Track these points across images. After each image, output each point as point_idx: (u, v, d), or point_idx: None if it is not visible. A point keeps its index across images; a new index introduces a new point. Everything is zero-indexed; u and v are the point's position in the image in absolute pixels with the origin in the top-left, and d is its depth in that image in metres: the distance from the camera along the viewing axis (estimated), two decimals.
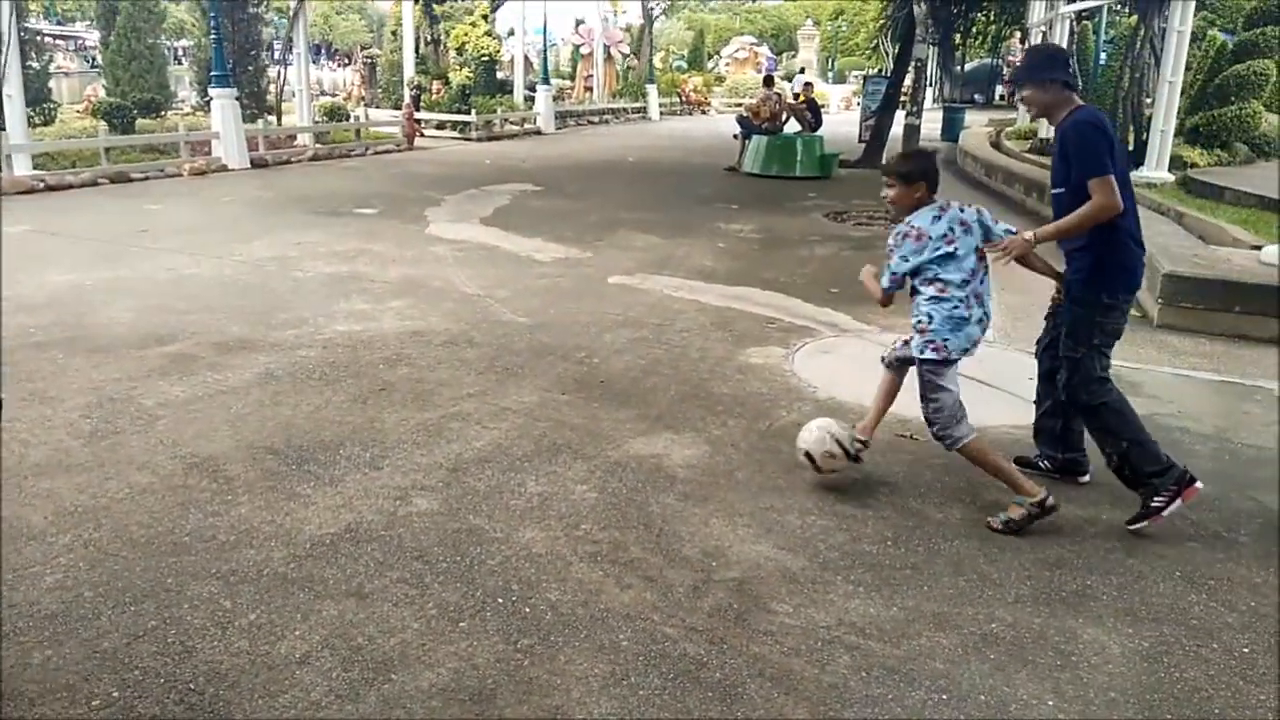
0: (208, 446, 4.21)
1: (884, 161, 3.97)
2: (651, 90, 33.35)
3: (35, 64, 15.76)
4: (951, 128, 23.72)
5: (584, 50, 34.10)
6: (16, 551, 3.27)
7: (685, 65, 45.20)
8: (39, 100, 15.29)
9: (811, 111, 17.28)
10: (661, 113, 33.61)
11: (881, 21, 21.66)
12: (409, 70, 23.51)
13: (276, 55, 20.63)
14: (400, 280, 7.58)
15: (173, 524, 3.52)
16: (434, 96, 23.45)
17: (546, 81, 25.86)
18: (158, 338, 5.76)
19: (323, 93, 27.79)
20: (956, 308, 3.78)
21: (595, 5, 33.20)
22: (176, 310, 6.40)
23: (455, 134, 21.95)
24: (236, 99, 14.96)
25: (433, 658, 2.79)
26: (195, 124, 16.12)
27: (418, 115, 20.78)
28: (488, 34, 25.23)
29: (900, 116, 14.10)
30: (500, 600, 3.09)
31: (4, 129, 11.93)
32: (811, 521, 3.70)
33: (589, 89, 33.30)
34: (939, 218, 3.79)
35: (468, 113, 22.04)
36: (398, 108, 21.75)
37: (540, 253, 8.95)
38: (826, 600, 3.15)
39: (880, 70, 25.46)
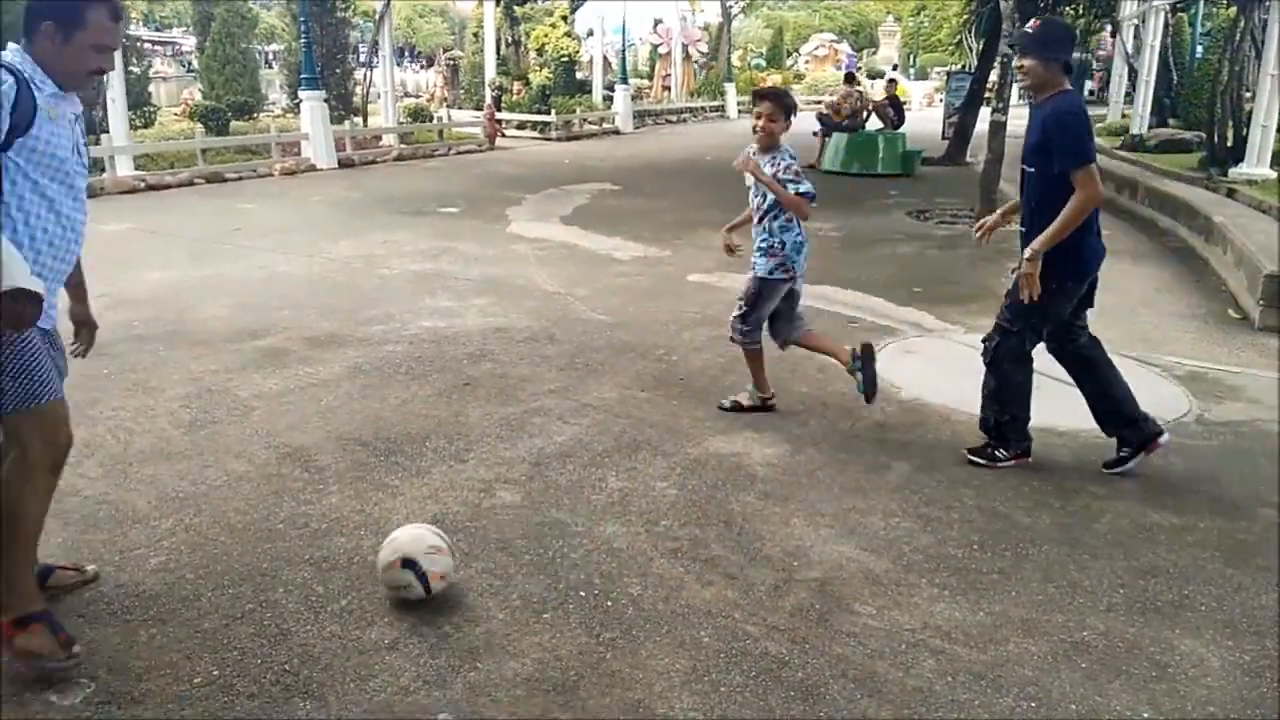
0: (300, 437, 4.34)
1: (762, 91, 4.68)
2: (729, 89, 33.23)
3: (136, 69, 16.40)
4: None
5: (662, 50, 34.15)
6: (123, 534, 3.42)
7: (764, 63, 44.93)
8: (139, 104, 15.90)
9: (894, 108, 17.03)
10: (739, 111, 33.44)
11: (965, 17, 21.25)
12: (490, 71, 23.83)
13: (362, 58, 21.10)
14: (482, 278, 7.71)
15: (268, 511, 3.64)
16: (514, 97, 23.73)
17: (625, 81, 25.97)
18: (252, 332, 5.96)
19: (406, 94, 28.33)
20: (799, 235, 4.50)
21: (674, 5, 33.20)
22: (269, 306, 6.61)
23: (535, 134, 22.19)
24: (325, 101, 15.36)
25: (517, 647, 2.83)
26: (285, 125, 16.62)
27: (499, 116, 21.05)
28: (567, 35, 25.45)
29: (985, 113, 13.80)
30: (583, 593, 3.13)
31: (108, 131, 12.45)
32: (895, 524, 3.66)
33: (667, 88, 33.33)
34: (795, 156, 4.49)
35: (547, 113, 22.25)
36: (479, 108, 22.07)
37: (619, 251, 9.00)
38: (911, 603, 3.11)
39: (964, 66, 24.95)
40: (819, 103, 27.45)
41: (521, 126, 22.62)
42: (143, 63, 18.39)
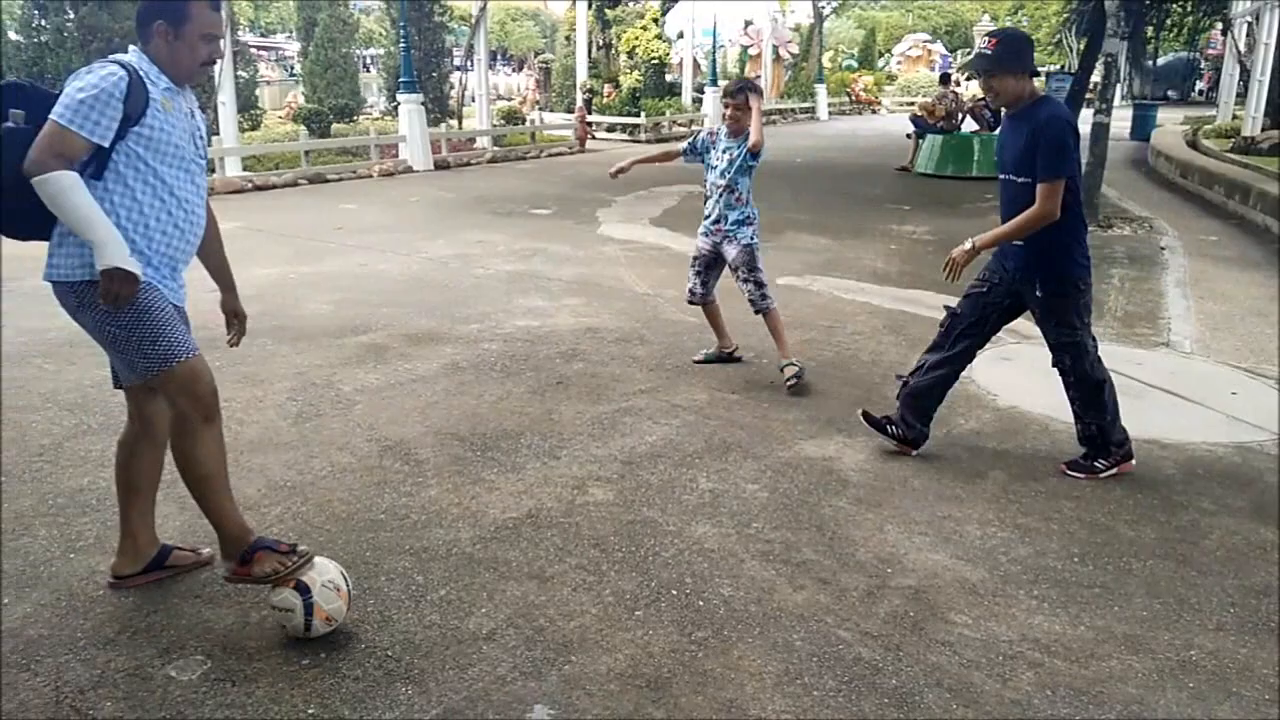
0: (400, 431, 4.46)
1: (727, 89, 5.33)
2: (820, 90, 32.92)
3: (244, 74, 17.04)
4: (1142, 126, 22.37)
5: (752, 51, 34.00)
6: None
7: (855, 64, 44.36)
8: (246, 107, 16.54)
9: (990, 110, 16.63)
10: (830, 112, 33.15)
11: (1065, 15, 20.60)
12: (581, 74, 24.07)
13: (457, 62, 21.53)
14: (574, 279, 7.80)
15: (370, 502, 3.76)
16: (605, 100, 23.93)
17: (714, 83, 25.91)
18: (353, 328, 6.15)
19: (499, 97, 28.80)
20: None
21: (765, 5, 33.02)
22: (370, 303, 6.80)
23: (625, 136, 22.35)
24: (422, 104, 15.71)
25: (610, 643, 2.87)
26: (384, 128, 17.06)
27: (589, 118, 21.25)
28: (658, 37, 25.55)
29: (1086, 115, 13.40)
30: (674, 592, 3.16)
31: (218, 133, 12.97)
32: (992, 533, 3.59)
33: None
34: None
35: (637, 115, 22.39)
36: (570, 111, 22.33)
37: None
38: (1008, 614, 3.06)
39: (1063, 67, 24.26)
40: (911, 104, 27.01)
41: (611, 129, 22.80)
42: (249, 68, 19.09)
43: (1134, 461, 4.13)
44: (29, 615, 2.95)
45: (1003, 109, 4.03)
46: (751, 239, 5.24)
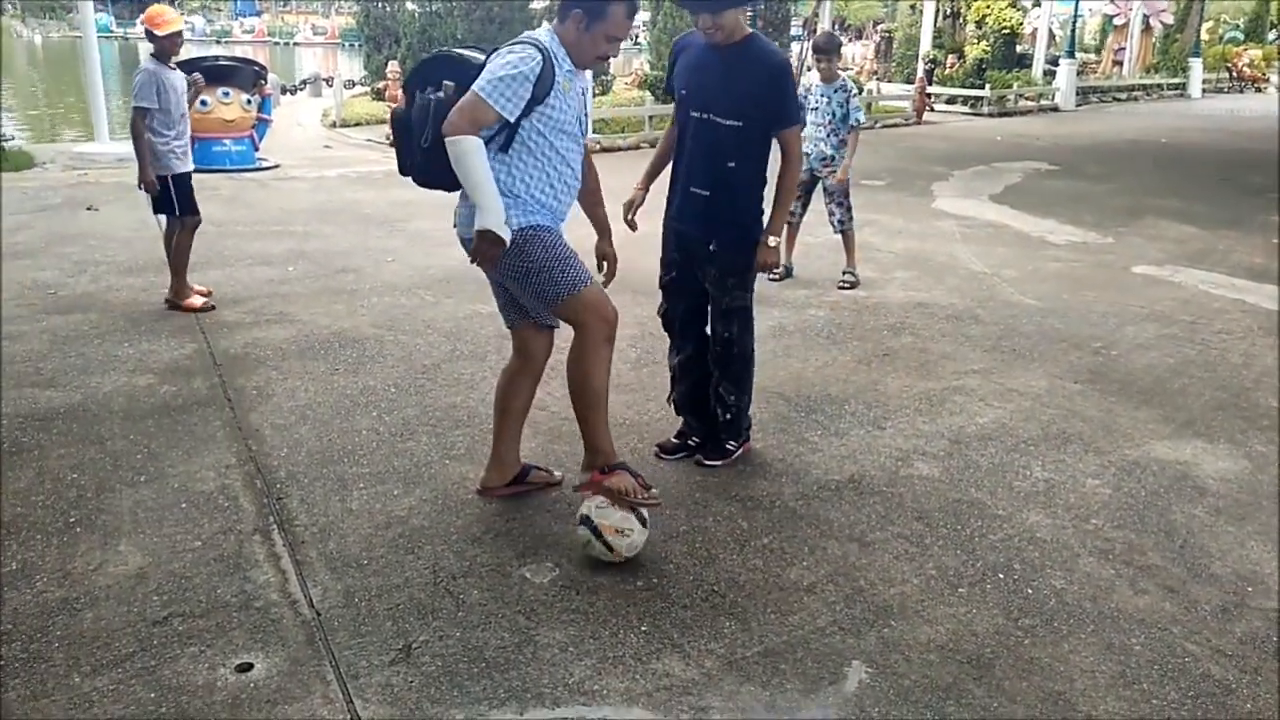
0: None
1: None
2: (1195, 65, 29.43)
3: None
4: None
5: (1117, 21, 30.97)
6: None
7: (1240, 36, 39.14)
8: (598, 74, 17.52)
9: None
10: (1204, 90, 29.59)
11: None
12: (925, 44, 23.18)
13: (794, 32, 21.50)
14: (904, 252, 7.64)
15: None
16: (947, 71, 22.89)
17: (1072, 55, 23.99)
18: None
19: None
20: None
21: None
22: None
23: (965, 109, 21.26)
24: None
25: (931, 615, 2.86)
26: None
27: (929, 89, 20.46)
28: (1011, 5, 23.97)
29: None
30: (1001, 576, 3.07)
31: None
32: None
33: (1118, 63, 30.24)
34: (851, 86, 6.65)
35: (981, 87, 21.23)
36: (909, 82, 21.61)
37: (1053, 235, 8.46)
38: None
39: None
40: None
41: (951, 101, 21.77)
42: None
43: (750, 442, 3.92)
44: (414, 508, 3.42)
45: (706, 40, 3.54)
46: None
